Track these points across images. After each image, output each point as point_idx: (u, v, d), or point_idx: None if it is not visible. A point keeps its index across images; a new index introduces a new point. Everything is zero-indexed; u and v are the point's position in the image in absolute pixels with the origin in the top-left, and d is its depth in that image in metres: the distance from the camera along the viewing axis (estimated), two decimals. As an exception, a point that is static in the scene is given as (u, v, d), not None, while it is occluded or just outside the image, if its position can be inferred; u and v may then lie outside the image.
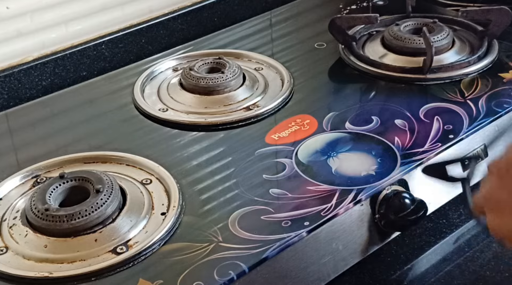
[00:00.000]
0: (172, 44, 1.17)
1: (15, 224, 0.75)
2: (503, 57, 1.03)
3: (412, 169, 0.82)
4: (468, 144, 0.87)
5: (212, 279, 0.67)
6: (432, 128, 0.88)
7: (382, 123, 0.90)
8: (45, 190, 0.75)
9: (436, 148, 0.84)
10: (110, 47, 1.13)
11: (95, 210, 0.72)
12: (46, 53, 1.09)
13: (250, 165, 0.83)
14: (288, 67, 1.04)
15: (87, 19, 1.13)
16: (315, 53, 1.10)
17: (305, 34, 1.18)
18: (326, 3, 1.27)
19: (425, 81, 0.98)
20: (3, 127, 0.98)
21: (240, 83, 0.99)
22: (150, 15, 1.19)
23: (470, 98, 0.94)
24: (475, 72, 1.00)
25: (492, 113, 0.90)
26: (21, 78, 1.05)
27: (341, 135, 0.88)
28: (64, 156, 0.86)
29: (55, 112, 1.01)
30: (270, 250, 0.70)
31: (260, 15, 1.25)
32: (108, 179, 0.76)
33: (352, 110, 0.93)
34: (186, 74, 0.99)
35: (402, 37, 1.04)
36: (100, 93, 1.04)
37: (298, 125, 0.91)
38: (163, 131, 0.92)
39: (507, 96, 0.94)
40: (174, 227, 0.74)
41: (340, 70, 1.05)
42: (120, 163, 0.84)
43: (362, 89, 1.00)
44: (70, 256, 0.70)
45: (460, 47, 1.05)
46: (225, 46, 1.10)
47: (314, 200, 0.77)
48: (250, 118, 0.93)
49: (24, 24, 1.06)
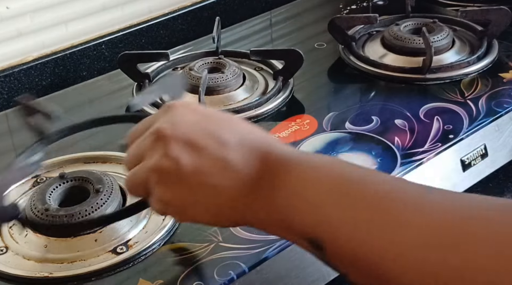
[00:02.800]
0: (172, 44, 1.17)
1: (15, 224, 0.75)
2: (503, 57, 1.03)
3: (412, 169, 0.82)
4: (468, 144, 0.87)
5: (212, 279, 0.67)
6: (432, 128, 0.88)
7: (382, 123, 0.90)
8: (45, 190, 0.75)
9: (436, 148, 0.84)
10: (110, 47, 1.13)
11: (95, 210, 0.72)
12: (46, 53, 1.09)
13: (250, 165, 0.83)
14: (288, 67, 1.04)
15: (87, 19, 1.13)
16: (315, 53, 1.10)
17: (305, 34, 1.18)
18: (326, 3, 1.27)
19: (425, 81, 0.98)
20: (3, 127, 0.98)
21: (240, 83, 0.99)
22: (150, 15, 1.19)
23: (470, 98, 0.94)
24: (475, 72, 1.00)
25: (492, 113, 0.90)
26: (21, 78, 1.05)
27: (341, 135, 0.88)
28: (64, 156, 0.86)
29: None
30: (270, 250, 0.70)
31: (260, 15, 1.25)
32: (108, 179, 0.76)
33: (352, 110, 0.93)
34: (186, 74, 0.99)
35: (402, 37, 1.04)
36: (100, 93, 1.04)
37: (298, 125, 0.91)
38: (163, 131, 0.92)
39: (507, 96, 0.94)
40: (174, 227, 0.74)
41: (340, 70, 1.05)
42: (120, 163, 0.84)
43: (362, 89, 1.00)
44: (70, 256, 0.70)
45: (460, 47, 1.05)
46: (225, 46, 1.10)
47: (314, 200, 0.76)
48: (250, 118, 0.93)
49: (24, 24, 1.06)
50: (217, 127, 0.56)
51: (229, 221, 0.56)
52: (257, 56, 1.02)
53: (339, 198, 0.50)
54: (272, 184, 0.53)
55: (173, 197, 0.55)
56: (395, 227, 0.47)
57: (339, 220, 0.49)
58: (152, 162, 0.56)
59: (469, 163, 0.87)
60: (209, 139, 0.55)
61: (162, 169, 0.55)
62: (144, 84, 1.00)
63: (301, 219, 0.51)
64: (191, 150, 0.54)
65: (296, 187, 0.51)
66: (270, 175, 0.53)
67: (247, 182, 0.53)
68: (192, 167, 0.54)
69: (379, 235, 0.47)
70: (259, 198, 0.53)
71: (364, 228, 0.47)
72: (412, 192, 0.49)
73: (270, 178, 0.53)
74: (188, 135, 0.55)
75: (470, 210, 0.46)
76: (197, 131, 0.55)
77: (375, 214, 0.48)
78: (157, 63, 1.04)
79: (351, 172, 0.52)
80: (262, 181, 0.53)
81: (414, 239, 0.46)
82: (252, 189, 0.53)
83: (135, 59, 1.01)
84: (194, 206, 0.55)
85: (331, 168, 0.53)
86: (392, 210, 0.48)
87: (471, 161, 0.87)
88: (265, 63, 1.04)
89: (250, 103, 0.94)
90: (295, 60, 0.98)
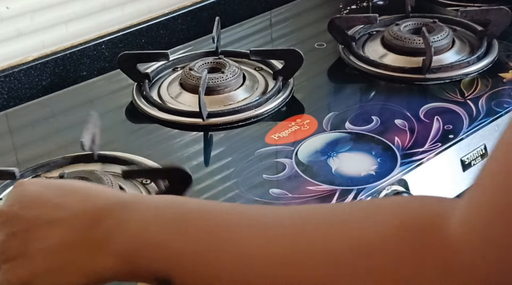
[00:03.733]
0: (172, 44, 1.17)
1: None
2: (503, 57, 1.03)
3: (412, 169, 0.82)
4: (468, 144, 0.87)
5: (212, 279, 0.67)
6: (432, 128, 0.88)
7: (382, 123, 0.90)
8: (45, 190, 0.75)
9: (436, 148, 0.84)
10: (110, 47, 1.13)
11: (95, 210, 0.72)
12: (46, 53, 1.09)
13: (250, 165, 0.83)
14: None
15: (87, 19, 1.13)
16: (315, 53, 1.10)
17: (305, 34, 1.18)
18: (326, 3, 1.27)
19: (425, 81, 0.98)
20: (3, 127, 0.98)
21: (240, 83, 0.99)
22: (150, 15, 1.19)
23: (470, 98, 0.94)
24: (475, 72, 1.00)
25: (492, 113, 0.90)
26: (21, 78, 1.05)
27: (341, 135, 0.88)
28: (64, 156, 0.86)
29: (55, 112, 1.01)
30: (270, 250, 0.70)
31: (260, 15, 1.25)
32: (108, 179, 0.76)
33: (352, 110, 0.93)
34: (186, 74, 0.99)
35: (402, 37, 1.04)
36: (100, 93, 1.04)
37: (298, 125, 0.91)
38: (163, 131, 0.92)
39: (507, 96, 0.94)
40: (174, 227, 0.74)
41: (340, 70, 1.05)
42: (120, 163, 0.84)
43: (362, 89, 1.00)
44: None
45: (460, 47, 1.05)
46: (225, 46, 1.10)
47: (314, 200, 0.76)
48: (250, 118, 0.93)
49: (24, 24, 1.06)
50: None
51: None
52: (257, 56, 1.03)
53: (177, 232, 0.50)
54: (110, 229, 0.52)
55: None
56: (234, 251, 0.47)
57: (181, 254, 0.49)
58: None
59: (469, 163, 0.87)
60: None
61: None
62: (144, 84, 1.00)
63: (146, 260, 0.50)
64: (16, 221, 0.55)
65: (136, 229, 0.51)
66: (107, 224, 0.52)
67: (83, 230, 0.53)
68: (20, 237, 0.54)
69: (217, 262, 0.47)
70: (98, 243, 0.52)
71: (203, 256, 0.48)
72: (242, 214, 0.50)
73: (108, 226, 0.52)
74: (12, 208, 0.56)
75: (303, 226, 0.46)
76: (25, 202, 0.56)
77: (211, 240, 0.48)
78: (157, 63, 1.04)
79: (188, 204, 0.52)
80: (96, 230, 0.52)
81: (256, 259, 0.46)
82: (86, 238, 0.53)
83: (135, 59, 1.01)
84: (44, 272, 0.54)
85: (168, 205, 0.52)
86: (228, 234, 0.48)
87: (471, 161, 0.87)
88: (265, 63, 1.04)
89: (250, 103, 0.94)
90: (295, 60, 0.98)
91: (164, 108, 0.95)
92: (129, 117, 0.97)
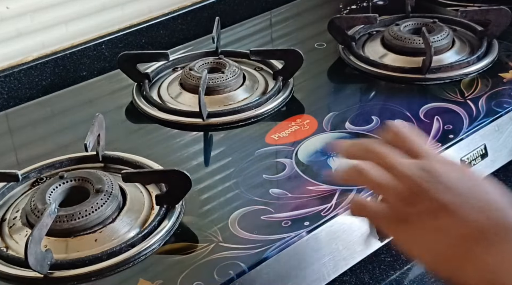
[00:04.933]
0: (172, 44, 1.17)
1: (15, 224, 0.75)
2: (503, 57, 1.03)
3: (412, 169, 0.81)
4: (468, 144, 0.87)
5: (212, 279, 0.67)
6: (432, 128, 0.88)
7: (382, 123, 0.90)
8: (45, 190, 0.75)
9: (436, 148, 0.84)
10: (110, 47, 1.13)
11: (95, 210, 0.72)
12: (46, 53, 1.09)
13: (250, 165, 0.83)
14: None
15: (87, 19, 1.13)
16: (315, 53, 1.10)
17: (305, 34, 1.18)
18: (326, 3, 1.27)
19: (425, 81, 0.98)
20: (3, 127, 0.98)
21: (240, 83, 0.99)
22: (150, 15, 1.19)
23: (470, 98, 0.94)
24: (475, 72, 1.00)
25: (492, 113, 0.90)
26: (21, 78, 1.06)
27: (341, 136, 0.88)
28: (64, 155, 0.86)
29: (55, 112, 1.01)
30: (270, 250, 0.70)
31: (260, 15, 1.25)
32: (108, 179, 0.76)
33: (352, 110, 0.93)
34: (186, 74, 0.99)
35: (402, 37, 1.04)
36: (100, 93, 1.04)
37: (298, 125, 0.91)
38: (163, 131, 0.92)
39: (507, 96, 0.94)
40: (174, 227, 0.74)
41: (340, 70, 1.05)
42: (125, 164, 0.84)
43: (362, 89, 1.00)
44: (70, 256, 0.70)
45: (460, 47, 1.05)
46: (225, 46, 1.10)
47: (314, 200, 0.77)
48: (250, 118, 0.93)
49: (24, 24, 1.07)
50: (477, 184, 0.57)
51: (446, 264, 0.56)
52: (257, 56, 1.03)
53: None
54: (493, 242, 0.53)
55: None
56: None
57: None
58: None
59: (469, 163, 0.87)
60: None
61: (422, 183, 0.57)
62: (144, 84, 1.00)
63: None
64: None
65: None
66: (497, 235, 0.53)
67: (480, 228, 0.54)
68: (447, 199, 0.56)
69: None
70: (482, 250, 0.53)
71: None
72: None
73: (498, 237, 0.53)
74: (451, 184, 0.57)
75: None
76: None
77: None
78: (157, 63, 1.04)
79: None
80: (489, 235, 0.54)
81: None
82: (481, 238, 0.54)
83: (135, 59, 1.01)
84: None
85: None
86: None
87: (471, 161, 0.87)
88: (265, 63, 1.04)
89: (250, 103, 0.94)
90: (295, 60, 0.98)
91: (164, 108, 0.95)
92: (129, 117, 0.97)
